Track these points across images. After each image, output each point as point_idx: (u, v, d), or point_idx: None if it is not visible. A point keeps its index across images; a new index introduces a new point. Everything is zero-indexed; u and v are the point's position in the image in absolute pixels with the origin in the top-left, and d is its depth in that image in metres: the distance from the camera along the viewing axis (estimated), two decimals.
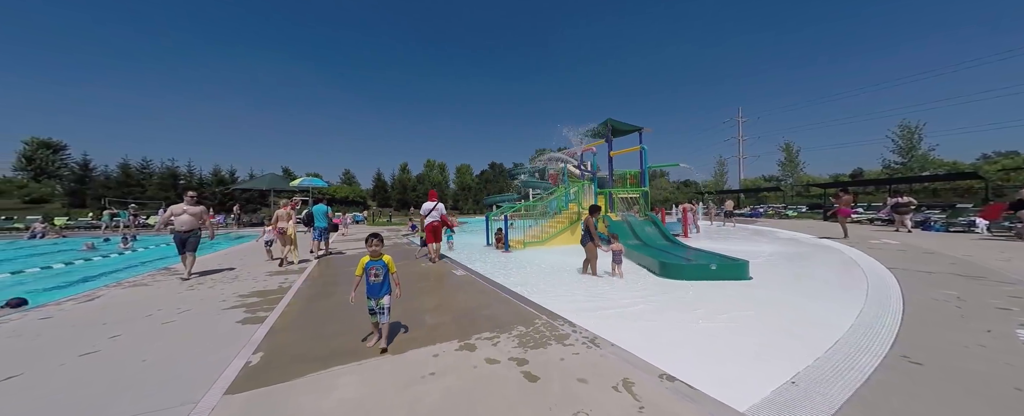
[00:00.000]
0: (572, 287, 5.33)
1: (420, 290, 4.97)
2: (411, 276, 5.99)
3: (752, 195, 35.85)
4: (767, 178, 54.11)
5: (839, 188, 16.63)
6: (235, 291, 5.11)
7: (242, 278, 6.06)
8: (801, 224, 17.08)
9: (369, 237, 3.10)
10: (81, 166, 38.13)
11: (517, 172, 30.57)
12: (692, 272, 5.70)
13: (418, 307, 4.12)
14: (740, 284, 5.34)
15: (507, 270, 6.80)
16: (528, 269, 6.93)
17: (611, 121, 12.73)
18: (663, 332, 3.41)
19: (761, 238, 11.96)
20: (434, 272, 6.25)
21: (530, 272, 6.63)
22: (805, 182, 36.84)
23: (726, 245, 9.85)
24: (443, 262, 7.27)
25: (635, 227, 9.77)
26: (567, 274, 6.33)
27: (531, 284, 5.55)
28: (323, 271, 6.66)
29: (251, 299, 4.66)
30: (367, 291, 2.98)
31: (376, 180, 45.91)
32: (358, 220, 26.00)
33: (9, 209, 28.45)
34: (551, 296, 4.81)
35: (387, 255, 3.10)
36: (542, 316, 3.62)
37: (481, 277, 5.70)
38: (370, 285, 2.97)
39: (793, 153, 36.32)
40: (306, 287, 5.34)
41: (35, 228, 14.97)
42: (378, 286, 2.97)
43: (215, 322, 3.74)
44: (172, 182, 36.40)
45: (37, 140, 39.10)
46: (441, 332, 3.28)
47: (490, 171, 54.25)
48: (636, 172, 14.04)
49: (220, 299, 4.67)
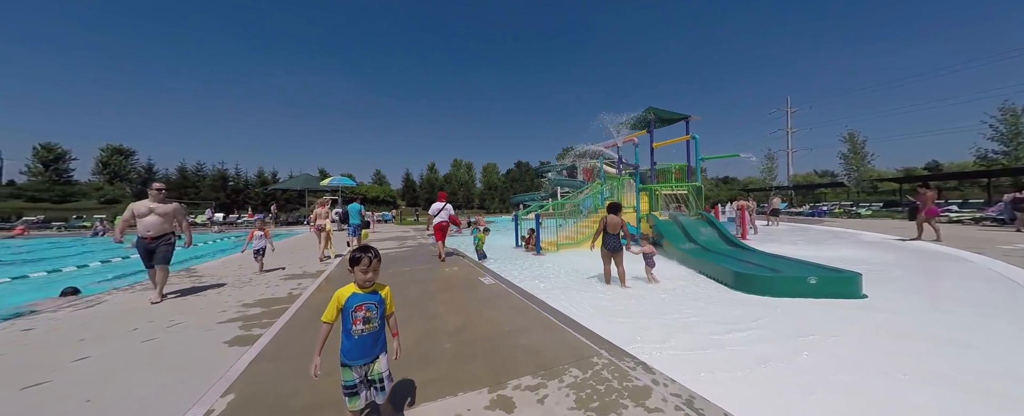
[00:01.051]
0: (626, 302, 4.31)
1: (441, 304, 4.17)
2: (432, 284, 5.23)
3: (806, 192, 32.17)
4: (820, 173, 48.96)
5: (920, 183, 14.06)
6: (240, 298, 4.59)
7: (255, 282, 5.60)
8: (879, 224, 14.66)
9: (356, 255, 1.80)
10: (146, 169, 41.91)
11: (545, 170, 29.47)
12: (782, 286, 4.47)
13: (437, 328, 3.30)
14: (851, 304, 4.07)
15: (542, 277, 5.87)
16: (565, 276, 5.96)
17: (653, 110, 11.39)
18: (787, 385, 2.34)
19: (838, 241, 10.14)
20: (459, 280, 5.45)
21: (568, 280, 5.66)
22: (872, 177, 32.56)
23: (799, 249, 8.28)
24: (470, 268, 6.47)
25: (687, 228, 8.46)
26: (614, 282, 5.29)
27: (573, 297, 4.58)
28: (342, 274, 6.09)
29: (253, 309, 4.09)
30: (345, 351, 1.76)
31: (405, 180, 46.64)
32: (386, 219, 26.14)
33: (88, 209, 31.69)
34: (602, 314, 3.83)
35: (385, 285, 1.93)
36: (601, 351, 2.66)
37: (513, 287, 4.82)
38: (352, 341, 1.75)
39: (858, 144, 32.14)
40: (316, 295, 4.72)
41: (96, 227, 16.08)
42: (368, 341, 1.76)
43: (200, 342, 3.14)
44: (222, 183, 39.00)
45: (112, 146, 43.27)
46: (465, 373, 2.42)
47: (516, 170, 53.60)
48: (681, 166, 12.57)
49: (220, 308, 4.14)
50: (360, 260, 1.79)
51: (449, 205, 7.72)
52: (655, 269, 5.51)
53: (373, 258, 1.81)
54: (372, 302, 1.81)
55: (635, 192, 10.51)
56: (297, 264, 7.32)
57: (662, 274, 6.03)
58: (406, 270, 6.43)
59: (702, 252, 7.06)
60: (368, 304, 1.79)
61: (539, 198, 28.26)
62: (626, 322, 3.62)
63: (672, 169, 12.48)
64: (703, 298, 4.53)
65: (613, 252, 4.95)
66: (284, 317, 3.78)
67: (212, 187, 37.94)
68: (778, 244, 9.39)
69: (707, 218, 9.14)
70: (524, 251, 9.38)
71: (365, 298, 1.80)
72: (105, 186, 39.20)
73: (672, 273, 6.18)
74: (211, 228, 19.21)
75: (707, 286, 5.13)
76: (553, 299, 4.35)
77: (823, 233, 12.52)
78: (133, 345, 3.08)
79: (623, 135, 9.76)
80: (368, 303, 1.80)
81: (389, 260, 7.68)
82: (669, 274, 6.03)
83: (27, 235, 16.10)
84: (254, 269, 6.54)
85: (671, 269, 6.51)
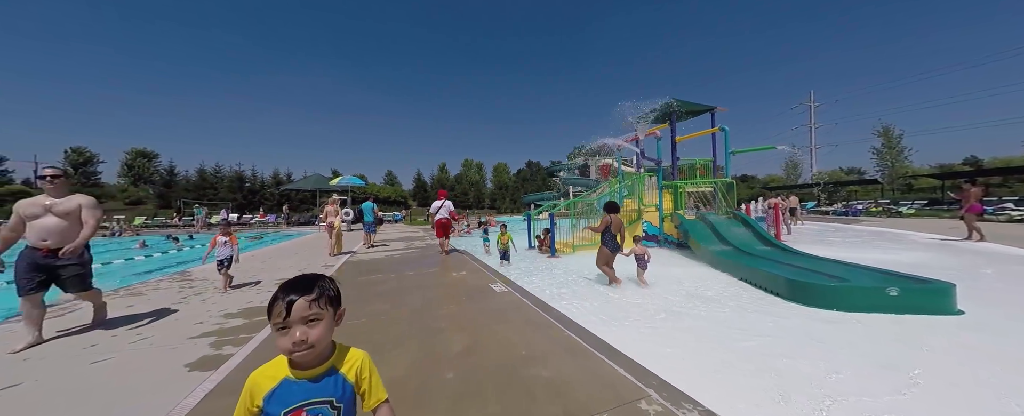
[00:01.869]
0: (665, 317, 3.63)
1: (446, 316, 3.59)
2: (437, 291, 4.67)
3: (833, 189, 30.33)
4: (846, 170, 46.53)
5: (965, 179, 12.75)
6: (226, 306, 4.13)
7: (246, 288, 5.16)
8: (924, 224, 13.38)
9: (276, 296, 0.87)
10: (168, 171, 43.14)
11: (556, 169, 28.76)
12: (853, 298, 3.71)
13: (439, 351, 2.73)
14: (949, 324, 3.29)
15: (559, 283, 5.23)
16: (585, 282, 5.31)
17: (675, 101, 10.58)
18: None
19: (885, 242, 9.13)
20: (467, 286, 4.88)
21: (590, 287, 5.01)
22: (907, 173, 30.51)
23: (844, 252, 7.37)
24: (479, 272, 5.90)
25: (719, 228, 7.66)
26: (640, 289, 4.62)
27: (599, 309, 3.93)
28: (345, 274, 5.62)
29: (233, 321, 3.61)
30: None
31: (416, 180, 46.64)
32: (396, 220, 25.91)
33: (114, 210, 32.71)
34: (640, 333, 3.18)
35: (355, 353, 1.00)
36: (648, 391, 2.02)
37: (528, 296, 4.21)
38: None
39: (893, 139, 30.18)
40: None
41: (114, 227, 16.28)
42: None
43: (158, 365, 2.65)
44: (239, 184, 39.76)
45: (136, 150, 44.70)
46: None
47: (527, 169, 53.08)
48: (706, 161, 11.69)
49: (197, 319, 3.67)
50: (275, 307, 0.85)
51: (448, 202, 8.06)
52: (678, 272, 5.19)
53: (315, 300, 0.87)
54: (324, 399, 0.88)
55: (658, 189, 9.73)
56: (295, 266, 6.90)
57: (694, 279, 5.32)
58: (410, 274, 5.90)
59: (738, 255, 6.28)
60: (315, 408, 0.87)
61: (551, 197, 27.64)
62: (673, 345, 2.95)
63: (697, 164, 11.61)
64: (755, 310, 3.82)
65: (613, 252, 4.80)
66: (265, 331, 3.28)
67: (229, 188, 38.70)
68: (820, 246, 8.47)
69: (740, 217, 8.31)
70: (538, 253, 8.77)
71: (309, 391, 0.88)
72: (129, 188, 40.52)
73: (705, 277, 5.45)
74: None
75: (754, 297, 4.39)
76: (576, 312, 3.72)
77: (862, 233, 11.45)
78: (79, 369, 2.61)
79: (645, 127, 9.03)
80: (314, 404, 0.87)
81: (394, 263, 7.19)
82: (703, 279, 5.31)
83: None
84: (260, 267, 6.14)
85: (702, 274, 5.79)
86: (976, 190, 8.50)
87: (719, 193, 9.17)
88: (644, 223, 9.77)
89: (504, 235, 7.51)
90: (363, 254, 8.69)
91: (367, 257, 8.13)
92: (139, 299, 4.56)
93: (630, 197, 11.38)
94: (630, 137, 10.40)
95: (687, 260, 7.22)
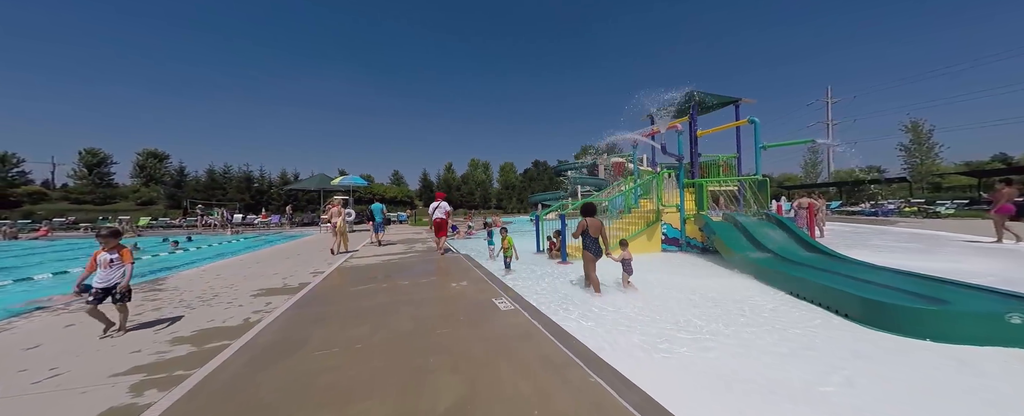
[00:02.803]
0: (713, 347, 2.85)
1: (437, 347, 2.87)
2: (431, 309, 3.96)
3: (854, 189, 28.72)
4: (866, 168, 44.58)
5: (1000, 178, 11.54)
6: (176, 330, 3.48)
7: (215, 303, 4.52)
8: (969, 225, 12.20)
9: None
10: (178, 172, 43.57)
11: (563, 168, 27.98)
12: (959, 326, 2.87)
13: (424, 407, 2.00)
14: None
15: (576, 299, 4.46)
16: (606, 295, 4.54)
17: (696, 92, 9.71)
18: None
19: (940, 247, 8.12)
20: (467, 303, 4.15)
21: (612, 301, 4.24)
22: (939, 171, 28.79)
23: (900, 259, 6.44)
24: (482, 283, 5.18)
25: (751, 231, 6.79)
26: (680, 309, 3.84)
27: (633, 337, 3.16)
28: (334, 284, 4.97)
29: (178, 349, 2.95)
30: None
31: (422, 180, 46.28)
32: (401, 220, 25.39)
33: (125, 211, 32.99)
34: (692, 374, 2.41)
35: None
36: None
37: (540, 318, 3.47)
38: None
39: (923, 134, 28.49)
40: (280, 324, 3.55)
41: None
42: None
43: (69, 406, 1.99)
44: (247, 185, 39.88)
45: (148, 150, 45.29)
46: None
47: (534, 169, 52.38)
48: (729, 157, 10.78)
49: (135, 347, 3.02)
50: None
51: (445, 203, 8.68)
52: (713, 284, 4.70)
53: None
54: None
55: (679, 188, 8.88)
56: (283, 273, 6.26)
57: (735, 294, 4.51)
58: (404, 284, 5.21)
59: (781, 263, 5.42)
60: None
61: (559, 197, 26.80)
62: (749, 400, 2.17)
63: (719, 161, 10.70)
64: (827, 339, 3.01)
65: (597, 256, 4.60)
66: (210, 365, 2.60)
67: (238, 189, 38.83)
68: (866, 250, 7.52)
69: (775, 218, 7.41)
70: (548, 258, 8.01)
71: None
72: (141, 188, 41.00)
73: (748, 292, 4.63)
74: (227, 230, 19.01)
75: (821, 321, 3.57)
76: (602, 341, 2.97)
77: (904, 235, 10.40)
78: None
79: (665, 121, 8.18)
80: None
81: (390, 268, 6.52)
82: (746, 295, 4.49)
83: (51, 236, 16.31)
84: (244, 274, 5.52)
85: (742, 287, 4.98)
86: (1009, 190, 7.94)
87: (749, 191, 8.29)
88: (664, 225, 8.92)
89: (506, 239, 6.60)
90: (360, 258, 8.07)
91: (363, 262, 7.49)
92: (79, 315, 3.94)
93: (646, 197, 10.55)
94: (647, 132, 9.57)
95: (718, 268, 6.39)
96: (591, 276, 4.58)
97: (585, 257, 4.68)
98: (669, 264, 7.19)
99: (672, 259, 7.80)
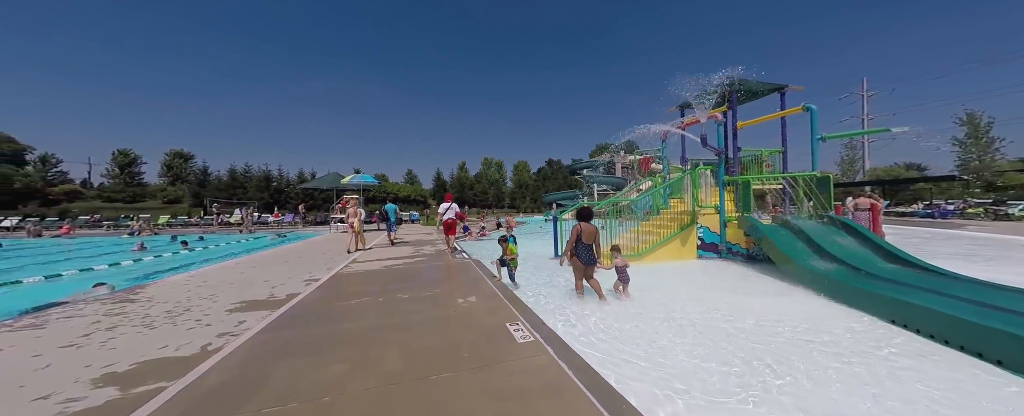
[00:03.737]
0: (794, 397, 1.94)
1: (430, 408, 2.07)
2: (428, 338, 3.17)
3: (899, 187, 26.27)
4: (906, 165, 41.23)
5: None
6: (116, 361, 2.83)
7: (185, 318, 3.88)
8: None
9: None
10: (202, 171, 44.87)
11: (579, 167, 26.92)
12: None
13: None
14: None
15: (618, 330, 3.57)
16: (656, 320, 3.63)
17: (738, 79, 8.58)
18: None
19: None
20: (474, 331, 3.34)
21: (663, 330, 3.33)
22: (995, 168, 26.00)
23: (1000, 272, 5.21)
24: (495, 300, 4.36)
25: (815, 237, 5.70)
26: (722, 335, 2.91)
27: (696, 379, 2.27)
28: (321, 298, 4.27)
29: (95, 395, 2.26)
30: None
31: (436, 179, 46.04)
32: (413, 220, 24.95)
33: (153, 208, 34.06)
34: None
35: None
36: None
37: (569, 359, 2.62)
38: None
39: (980, 128, 25.79)
40: (239, 358, 2.84)
41: (132, 226, 16.15)
42: None
43: None
44: (266, 184, 40.63)
45: (174, 151, 46.85)
46: None
47: (548, 168, 51.39)
48: (772, 151, 9.56)
49: (46, 388, 2.36)
50: None
51: (455, 204, 8.85)
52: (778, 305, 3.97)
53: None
54: None
55: (718, 187, 7.81)
56: (274, 281, 5.63)
57: (817, 323, 3.53)
58: (403, 298, 4.46)
59: (864, 279, 4.35)
60: None
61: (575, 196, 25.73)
62: None
63: (762, 156, 9.52)
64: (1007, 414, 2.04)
65: (587, 265, 4.39)
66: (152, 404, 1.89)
67: (257, 187, 39.58)
68: (959, 261, 6.25)
69: (842, 222, 6.26)
70: (562, 265, 7.12)
71: None
72: (167, 187, 42.44)
73: (831, 319, 3.63)
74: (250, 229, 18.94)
75: (955, 365, 2.58)
76: (663, 397, 2.10)
77: (979, 242, 8.96)
78: None
79: (705, 110, 7.11)
80: None
81: (391, 277, 5.80)
82: (833, 325, 3.50)
83: (72, 234, 16.61)
84: (232, 281, 4.89)
85: (802, 303, 4.01)
86: None
87: (801, 190, 7.13)
88: (700, 228, 7.88)
89: (509, 248, 5.33)
90: (362, 262, 7.42)
91: (364, 267, 6.82)
92: (39, 332, 3.35)
93: (676, 196, 9.49)
94: (682, 123, 8.52)
95: (770, 281, 5.39)
96: (578, 284, 4.48)
97: (574, 264, 4.48)
98: (707, 274, 6.21)
99: (710, 268, 6.80)
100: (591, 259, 4.37)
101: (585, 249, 4.36)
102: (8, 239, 15.14)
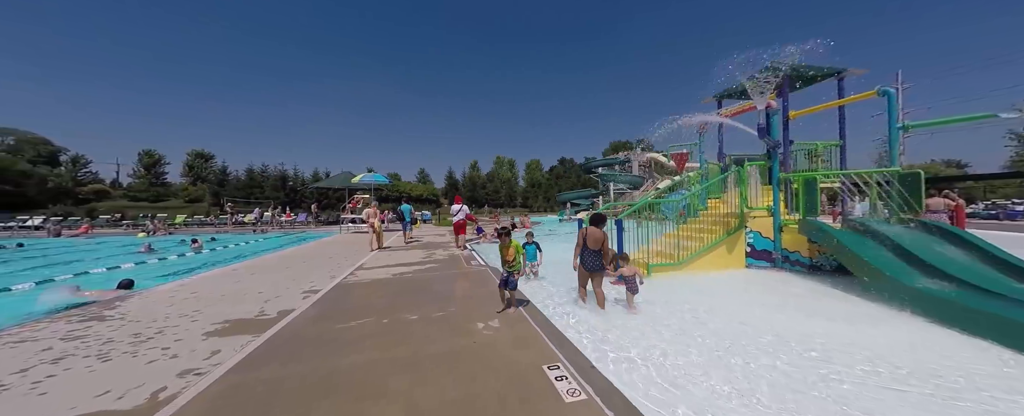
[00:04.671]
0: None
1: None
2: (447, 389, 2.40)
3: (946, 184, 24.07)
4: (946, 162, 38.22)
5: None
6: (50, 408, 2.16)
7: (151, 345, 3.23)
8: None
9: None
10: (221, 171, 45.78)
11: (592, 165, 25.92)
12: None
13: None
14: None
15: (677, 368, 2.71)
16: (722, 360, 2.75)
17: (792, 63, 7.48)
18: None
19: None
20: (501, 371, 2.55)
21: (746, 374, 2.45)
22: None
23: None
24: (523, 327, 3.55)
25: (910, 246, 4.63)
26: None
27: None
28: (316, 317, 3.58)
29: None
30: None
31: (448, 178, 45.64)
32: (426, 219, 24.41)
33: (174, 208, 34.82)
34: None
35: None
36: None
37: None
38: None
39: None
40: (199, 408, 2.14)
41: (147, 225, 16.12)
42: None
43: None
44: (282, 183, 41.09)
45: (195, 151, 48.00)
46: None
47: (560, 167, 50.31)
48: (829, 144, 8.41)
49: None
50: None
51: (465, 207, 9.71)
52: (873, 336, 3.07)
53: None
54: None
55: (772, 185, 6.78)
56: (270, 291, 4.98)
57: (901, 339, 2.59)
58: (411, 319, 3.70)
59: (1008, 305, 3.34)
60: None
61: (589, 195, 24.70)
62: None
63: (817, 149, 8.39)
64: None
65: (592, 272, 4.11)
66: None
67: (273, 187, 40.05)
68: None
69: (939, 227, 5.16)
70: None
71: None
72: (189, 187, 43.46)
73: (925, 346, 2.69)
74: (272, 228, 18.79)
75: None
76: None
77: None
78: None
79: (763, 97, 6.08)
80: None
81: (398, 289, 5.09)
82: (935, 353, 2.55)
83: (90, 234, 16.73)
84: (223, 292, 4.27)
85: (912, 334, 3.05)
86: None
87: (874, 189, 6.02)
88: (750, 233, 6.87)
89: (510, 247, 4.12)
90: (370, 268, 6.77)
91: (369, 276, 6.14)
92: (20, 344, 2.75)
93: (716, 196, 8.46)
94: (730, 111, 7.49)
95: (845, 299, 4.46)
96: (581, 291, 4.33)
97: (579, 271, 4.29)
98: (764, 289, 5.23)
99: (769, 281, 5.80)
100: (597, 265, 4.08)
101: (591, 255, 4.10)
102: (30, 238, 15.31)
